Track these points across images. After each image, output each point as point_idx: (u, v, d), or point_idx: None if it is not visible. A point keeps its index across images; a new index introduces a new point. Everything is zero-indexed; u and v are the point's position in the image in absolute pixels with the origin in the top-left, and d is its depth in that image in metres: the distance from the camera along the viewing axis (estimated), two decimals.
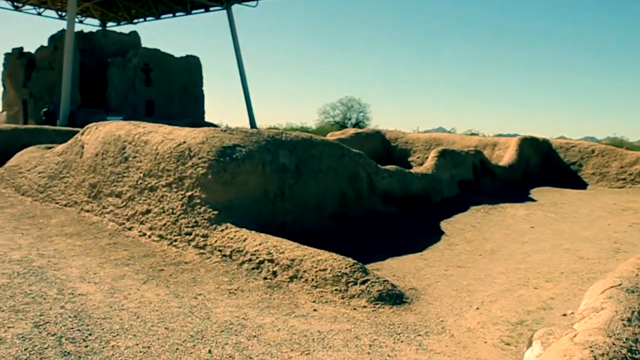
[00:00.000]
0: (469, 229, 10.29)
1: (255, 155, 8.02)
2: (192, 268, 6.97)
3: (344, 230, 9.21)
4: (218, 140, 7.97)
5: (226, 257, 7.06)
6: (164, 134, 8.43)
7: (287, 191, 8.40)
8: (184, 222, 7.58)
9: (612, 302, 4.56)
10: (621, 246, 9.27)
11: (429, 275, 7.39)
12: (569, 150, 16.81)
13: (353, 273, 6.32)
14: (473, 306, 6.28)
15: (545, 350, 4.21)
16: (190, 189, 7.69)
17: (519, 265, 7.97)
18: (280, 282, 6.54)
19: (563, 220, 11.41)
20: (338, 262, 6.44)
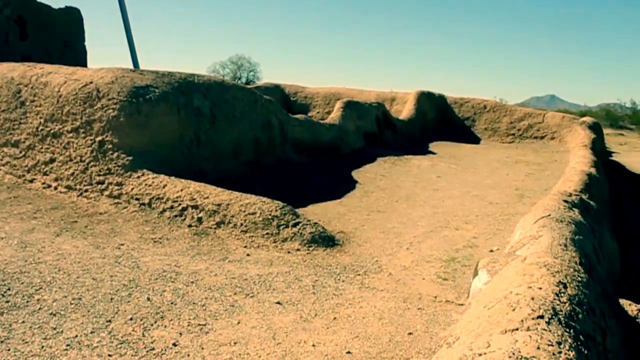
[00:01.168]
0: (380, 177, 10.43)
1: (170, 97, 7.51)
2: (108, 219, 6.46)
3: (260, 178, 8.97)
4: (129, 80, 7.35)
5: (145, 205, 6.61)
6: (66, 75, 7.63)
7: (202, 136, 7.98)
8: (94, 171, 6.98)
9: (547, 230, 4.77)
10: (524, 192, 9.83)
11: (353, 220, 7.39)
12: (463, 105, 17.51)
13: (284, 216, 6.16)
14: (403, 247, 6.37)
15: (492, 276, 4.32)
16: (100, 134, 7.07)
17: (436, 210, 8.19)
18: (207, 228, 6.23)
19: (465, 171, 11.90)
20: (268, 205, 6.23)
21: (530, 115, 16.67)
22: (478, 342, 2.71)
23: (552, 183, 10.80)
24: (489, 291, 3.87)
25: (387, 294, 4.89)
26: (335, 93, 18.19)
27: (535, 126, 16.47)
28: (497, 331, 2.82)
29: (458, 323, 3.99)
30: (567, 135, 16.08)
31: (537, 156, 14.86)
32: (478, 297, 4.19)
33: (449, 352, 3.09)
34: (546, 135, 16.34)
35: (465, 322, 3.52)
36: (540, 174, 12.01)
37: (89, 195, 6.89)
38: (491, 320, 2.93)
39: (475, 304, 4.04)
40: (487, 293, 3.89)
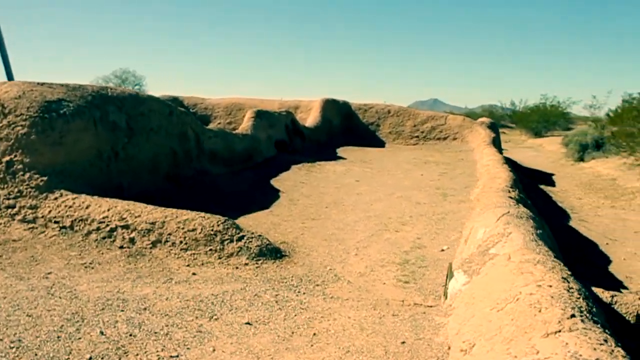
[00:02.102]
0: (301, 185, 10.25)
1: (85, 112, 6.87)
2: (24, 245, 5.75)
3: (180, 191, 8.48)
4: (38, 94, 6.63)
5: (66, 228, 5.97)
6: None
7: (121, 152, 7.39)
8: (2, 194, 6.21)
9: (513, 227, 4.81)
10: (445, 191, 10.05)
11: (290, 229, 7.15)
12: (367, 111, 17.80)
13: (227, 230, 5.80)
14: (350, 253, 6.22)
15: (471, 277, 4.28)
16: (7, 153, 6.30)
17: (368, 214, 8.14)
18: (142, 249, 5.73)
19: (380, 174, 12.02)
20: (208, 220, 5.84)
21: (433, 118, 17.27)
22: (518, 348, 2.59)
23: (467, 181, 11.18)
24: (481, 292, 3.80)
25: (355, 303, 4.70)
26: (237, 103, 17.82)
27: (438, 128, 17.08)
28: (537, 335, 2.71)
29: (452, 327, 3.90)
30: (468, 136, 16.81)
31: (443, 156, 15.38)
32: (463, 298, 4.12)
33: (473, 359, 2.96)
34: (449, 136, 16.99)
35: (472, 326, 3.42)
36: (452, 173, 12.39)
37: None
38: (517, 323, 2.83)
39: (465, 306, 3.96)
40: (479, 294, 3.82)
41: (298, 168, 12.07)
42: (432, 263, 5.86)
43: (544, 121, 34.74)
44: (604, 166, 19.05)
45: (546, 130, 34.34)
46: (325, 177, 11.34)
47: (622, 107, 20.25)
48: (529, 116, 35.38)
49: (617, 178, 16.47)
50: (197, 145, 9.37)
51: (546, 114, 35.01)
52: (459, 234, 6.90)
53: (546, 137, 31.78)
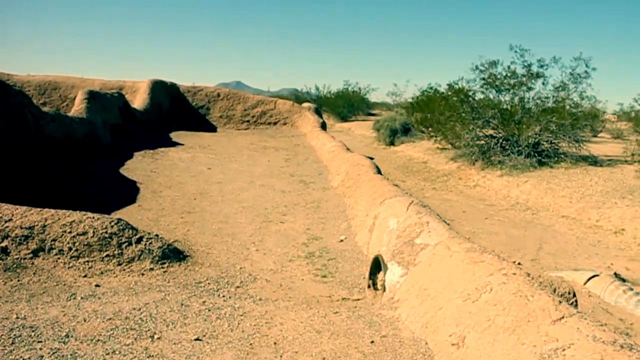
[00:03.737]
0: (154, 174, 9.51)
1: None
2: None
3: (28, 188, 7.30)
4: None
5: None
6: None
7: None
8: None
9: (427, 216, 4.97)
10: (302, 178, 10.09)
11: (173, 225, 6.59)
12: (196, 94, 17.05)
13: (122, 231, 5.13)
14: (250, 248, 5.94)
15: (408, 268, 4.32)
16: None
17: (242, 205, 7.84)
18: (21, 260, 4.80)
19: (227, 161, 11.66)
20: (100, 222, 5.10)
21: (263, 103, 17.20)
22: (529, 337, 2.71)
23: (317, 167, 11.36)
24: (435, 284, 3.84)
25: (287, 303, 4.48)
26: (53, 82, 15.84)
27: (268, 113, 17.06)
28: (544, 322, 2.80)
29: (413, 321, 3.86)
30: (297, 120, 17.07)
31: (278, 141, 15.44)
32: (411, 291, 4.12)
33: (474, 353, 2.97)
34: (279, 121, 17.08)
35: (446, 318, 3.45)
36: (296, 159, 12.49)
37: None
38: (513, 313, 2.95)
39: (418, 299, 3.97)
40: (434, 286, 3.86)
41: (141, 155, 11.20)
42: (338, 255, 5.83)
43: (349, 106, 36.67)
44: (413, 150, 20.79)
45: (351, 115, 36.35)
46: (174, 164, 10.68)
47: (428, 95, 22.15)
48: (335, 101, 37.05)
49: (428, 161, 18.10)
50: (37, 132, 8.14)
51: (350, 99, 37.02)
52: (345, 223, 6.97)
53: (352, 122, 33.74)
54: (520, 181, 13.54)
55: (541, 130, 14.77)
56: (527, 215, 10.98)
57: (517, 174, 13.90)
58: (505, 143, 15.21)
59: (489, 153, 15.27)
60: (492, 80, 15.67)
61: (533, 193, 12.55)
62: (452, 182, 15.01)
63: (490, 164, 15.18)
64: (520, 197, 12.61)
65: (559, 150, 15.09)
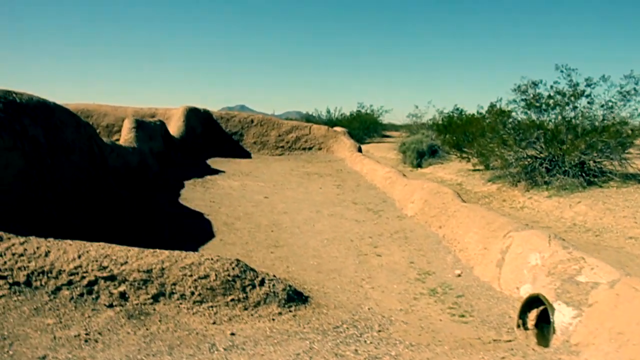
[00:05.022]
0: (215, 204, 9.12)
1: (9, 125, 5.15)
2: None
3: (107, 221, 6.91)
4: None
5: (20, 285, 4.36)
6: None
7: (47, 175, 5.71)
8: None
9: (577, 252, 4.60)
10: (368, 206, 9.71)
11: (265, 260, 6.20)
12: (229, 120, 16.73)
13: (244, 273, 4.72)
14: (363, 285, 5.55)
15: (581, 309, 3.93)
16: None
17: (323, 236, 7.46)
18: (141, 306, 4.40)
19: (279, 188, 11.27)
20: (220, 263, 4.70)
21: (298, 128, 16.89)
22: None
23: (375, 193, 10.99)
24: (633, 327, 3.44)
25: (442, 348, 4.06)
26: (85, 110, 15.49)
27: (303, 138, 16.73)
28: None
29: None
30: (333, 145, 16.74)
31: (317, 167, 15.08)
32: (598, 334, 3.70)
33: None
34: (314, 146, 16.75)
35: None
36: (347, 185, 12.11)
37: None
38: None
39: (613, 343, 3.55)
40: (631, 330, 3.45)
41: (192, 184, 10.81)
42: (465, 291, 5.42)
43: (364, 128, 36.44)
44: (443, 172, 20.41)
45: (366, 138, 36.10)
46: (228, 194, 10.29)
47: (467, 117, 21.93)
48: (349, 123, 36.82)
49: (462, 183, 17.72)
50: (102, 162, 7.78)
51: (366, 121, 36.80)
52: (450, 255, 6.59)
53: (368, 144, 33.45)
54: (572, 202, 13.14)
55: (587, 149, 14.44)
56: (589, 237, 10.56)
57: (567, 195, 13.50)
58: (550, 163, 14.87)
59: (533, 174, 14.91)
60: (535, 101, 15.37)
61: (590, 214, 12.14)
62: (496, 204, 14.60)
63: (535, 184, 14.80)
64: (576, 218, 12.19)
65: (603, 169, 14.75)
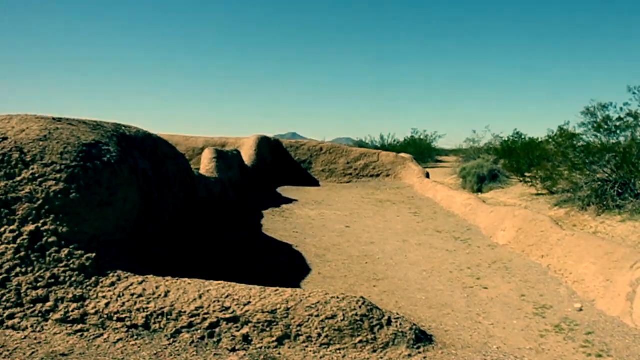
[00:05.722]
0: (299, 235, 8.92)
1: (125, 159, 5.08)
2: (78, 358, 3.90)
3: (203, 255, 6.79)
4: (69, 134, 4.72)
5: (138, 328, 4.22)
6: None
7: (154, 210, 5.63)
8: (25, 281, 4.26)
9: None
10: (454, 235, 9.36)
11: (372, 294, 5.92)
12: (299, 149, 16.72)
13: (370, 312, 4.46)
14: (481, 322, 5.20)
15: None
16: (32, 221, 4.35)
17: (419, 267, 7.15)
18: (264, 349, 4.18)
19: (357, 217, 11.03)
20: (347, 302, 4.46)
21: (366, 155, 16.70)
22: None
23: (455, 221, 10.61)
24: None
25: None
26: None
27: (371, 165, 16.51)
28: None
29: None
30: (401, 172, 16.44)
31: (386, 194, 14.78)
32: None
33: None
34: (382, 173, 16.49)
35: None
36: (424, 213, 11.76)
37: (20, 324, 4.16)
38: None
39: None
40: None
41: (270, 214, 10.67)
42: (594, 328, 5.01)
43: (419, 154, 36.09)
44: (505, 197, 19.78)
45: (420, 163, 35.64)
46: (308, 223, 10.08)
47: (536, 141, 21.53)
48: (405, 149, 36.51)
49: (527, 208, 17.08)
50: (195, 194, 7.71)
51: (421, 146, 36.45)
52: (562, 287, 6.19)
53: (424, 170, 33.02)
54: None
55: None
56: None
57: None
58: (621, 187, 14.19)
59: (604, 197, 14.24)
60: (604, 123, 14.82)
61: None
62: (566, 229, 13.94)
63: (607, 209, 14.12)
64: None
65: None
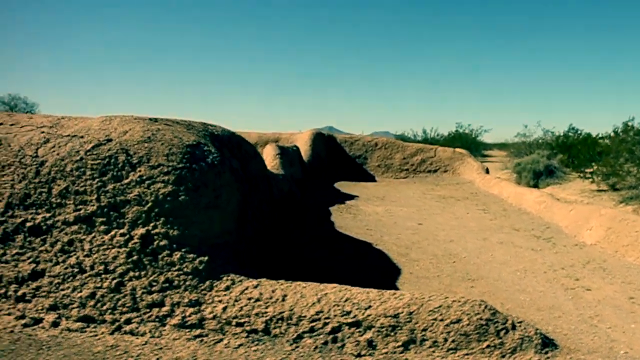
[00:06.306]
0: (374, 232, 8.69)
1: (224, 159, 4.94)
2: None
3: (287, 257, 6.63)
4: (171, 134, 4.61)
5: (257, 333, 4.06)
6: (46, 130, 4.55)
7: (248, 209, 5.49)
8: (139, 285, 4.14)
9: None
10: (533, 233, 9.02)
11: (471, 296, 5.60)
12: (353, 144, 16.53)
13: (494, 316, 4.22)
14: (596, 325, 4.93)
15: None
16: (142, 224, 4.23)
17: (511, 267, 6.87)
18: (389, 355, 3.98)
19: (426, 214, 10.75)
20: (469, 306, 4.22)
21: (423, 150, 16.40)
22: None
23: (529, 219, 10.26)
24: None
25: None
26: None
27: (428, 160, 16.21)
28: None
29: None
30: (459, 167, 16.07)
31: (447, 190, 14.46)
32: None
33: None
34: (439, 169, 16.16)
35: None
36: (493, 210, 11.42)
37: (138, 329, 4.04)
38: None
39: None
40: None
41: (337, 211, 10.48)
42: None
43: (466, 148, 35.47)
44: (564, 193, 19.16)
45: None
46: (378, 220, 9.85)
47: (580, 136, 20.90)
48: (451, 143, 35.93)
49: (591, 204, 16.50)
50: (272, 193, 7.55)
51: (466, 141, 35.83)
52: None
53: None
54: None
55: None
56: None
57: None
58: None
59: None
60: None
61: None
62: None
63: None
64: None
65: None
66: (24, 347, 3.74)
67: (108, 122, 4.66)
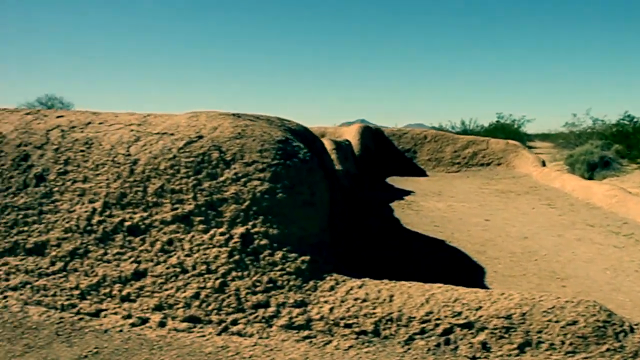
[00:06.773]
0: (442, 229, 8.48)
1: (313, 155, 4.83)
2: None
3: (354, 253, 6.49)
4: (261, 131, 4.51)
5: (367, 334, 3.93)
6: (135, 128, 4.50)
7: (335, 206, 5.37)
8: (243, 286, 4.06)
9: None
10: (608, 229, 8.69)
11: (569, 296, 5.43)
12: (401, 137, 16.29)
13: (610, 318, 4.01)
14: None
15: None
16: (241, 222, 4.15)
17: (598, 266, 6.61)
18: (504, 357, 3.81)
19: (488, 209, 10.48)
20: (584, 307, 4.02)
21: (474, 143, 16.06)
22: None
23: (600, 213, 9.92)
24: None
25: None
26: None
27: (480, 153, 15.87)
28: None
29: None
30: (514, 160, 15.70)
31: (504, 184, 14.11)
32: None
33: None
34: (492, 162, 15.82)
35: None
36: (558, 204, 11.07)
37: (245, 330, 3.96)
38: None
39: None
40: None
41: (397, 207, 10.30)
42: None
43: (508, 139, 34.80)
44: (624, 186, 18.57)
45: None
46: (442, 216, 9.64)
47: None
48: (492, 134, 35.31)
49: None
50: (336, 187, 7.41)
51: (509, 132, 35.19)
52: None
53: None
54: None
55: None
56: None
57: None
58: None
59: None
60: None
61: None
62: None
63: None
64: None
65: None
66: (136, 347, 3.69)
67: (195, 118, 4.59)
